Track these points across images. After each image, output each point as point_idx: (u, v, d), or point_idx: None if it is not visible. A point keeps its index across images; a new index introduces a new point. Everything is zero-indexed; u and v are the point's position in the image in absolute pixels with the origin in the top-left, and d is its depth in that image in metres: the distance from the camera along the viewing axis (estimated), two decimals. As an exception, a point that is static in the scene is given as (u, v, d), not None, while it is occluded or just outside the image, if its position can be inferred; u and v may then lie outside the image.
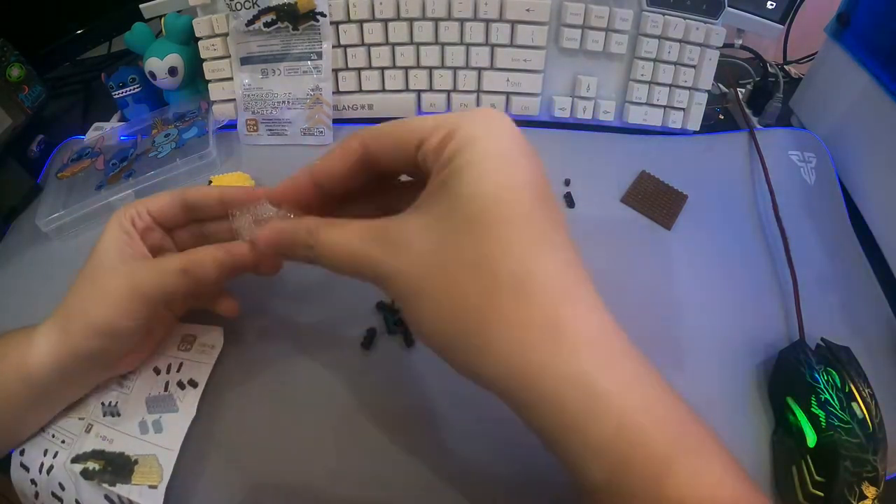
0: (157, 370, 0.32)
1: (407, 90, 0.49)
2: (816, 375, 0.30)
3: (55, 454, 0.29)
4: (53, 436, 0.30)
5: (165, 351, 0.33)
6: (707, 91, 0.48)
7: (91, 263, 0.28)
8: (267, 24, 0.45)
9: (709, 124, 0.51)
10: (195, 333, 0.33)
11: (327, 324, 0.35)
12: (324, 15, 0.45)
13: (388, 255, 0.21)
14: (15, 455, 0.30)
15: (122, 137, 0.48)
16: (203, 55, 0.47)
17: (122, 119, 0.52)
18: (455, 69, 0.47)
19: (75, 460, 0.29)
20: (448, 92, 0.48)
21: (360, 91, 0.49)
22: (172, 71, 0.48)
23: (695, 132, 0.49)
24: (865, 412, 0.28)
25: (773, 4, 0.47)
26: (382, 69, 0.48)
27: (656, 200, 0.43)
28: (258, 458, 0.30)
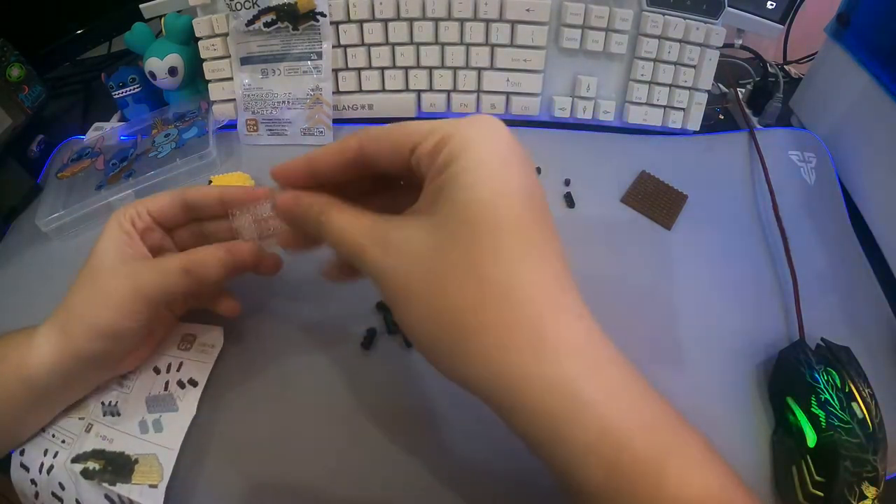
0: (157, 370, 0.32)
1: (407, 90, 0.49)
2: (816, 375, 0.30)
3: (55, 454, 0.29)
4: (53, 436, 0.30)
5: (165, 350, 0.33)
6: (707, 91, 0.48)
7: (91, 264, 0.28)
8: (267, 24, 0.45)
9: (709, 124, 0.51)
10: (195, 333, 0.33)
11: (327, 324, 0.35)
12: (324, 15, 0.45)
13: (385, 254, 0.22)
14: (15, 455, 0.30)
15: (122, 137, 0.48)
16: (203, 55, 0.47)
17: (122, 119, 0.52)
18: (455, 69, 0.47)
19: (75, 460, 0.29)
20: (448, 92, 0.48)
21: (360, 91, 0.49)
22: (172, 71, 0.48)
23: (695, 132, 0.49)
24: (865, 412, 0.28)
25: (773, 4, 0.47)
26: (382, 69, 0.48)
27: (656, 200, 0.43)
28: (258, 457, 0.30)
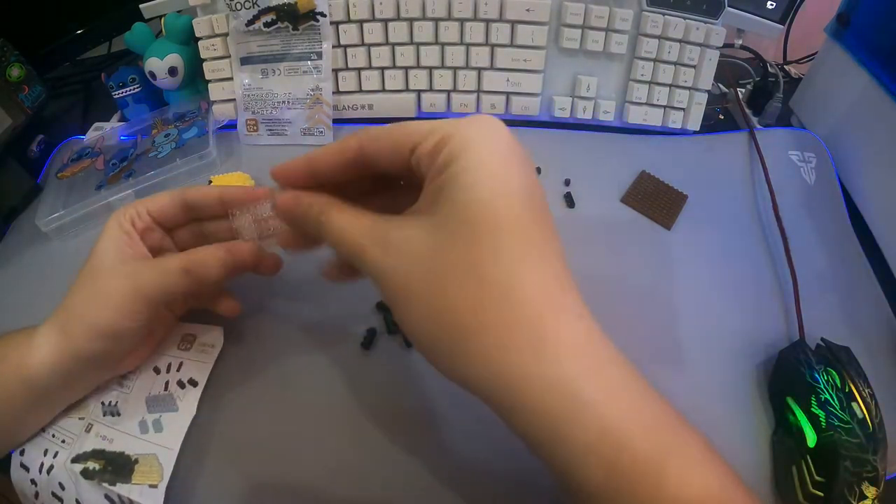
0: (157, 370, 0.32)
1: (407, 90, 0.49)
2: (816, 375, 0.30)
3: (55, 454, 0.29)
4: (53, 435, 0.30)
5: (165, 350, 0.33)
6: (707, 91, 0.48)
7: (91, 264, 0.28)
8: (267, 24, 0.45)
9: (709, 124, 0.51)
10: (195, 333, 0.33)
11: (327, 324, 0.35)
12: (324, 15, 0.45)
13: (385, 254, 0.22)
14: (15, 455, 0.30)
15: (122, 137, 0.48)
16: (203, 55, 0.47)
17: (122, 119, 0.52)
18: (455, 69, 0.47)
19: (75, 460, 0.29)
20: (448, 92, 0.48)
21: (360, 91, 0.49)
22: (172, 71, 0.48)
23: (695, 132, 0.49)
24: (865, 412, 0.28)
25: (773, 4, 0.47)
26: (382, 69, 0.48)
27: (656, 200, 0.43)
28: (258, 457, 0.30)
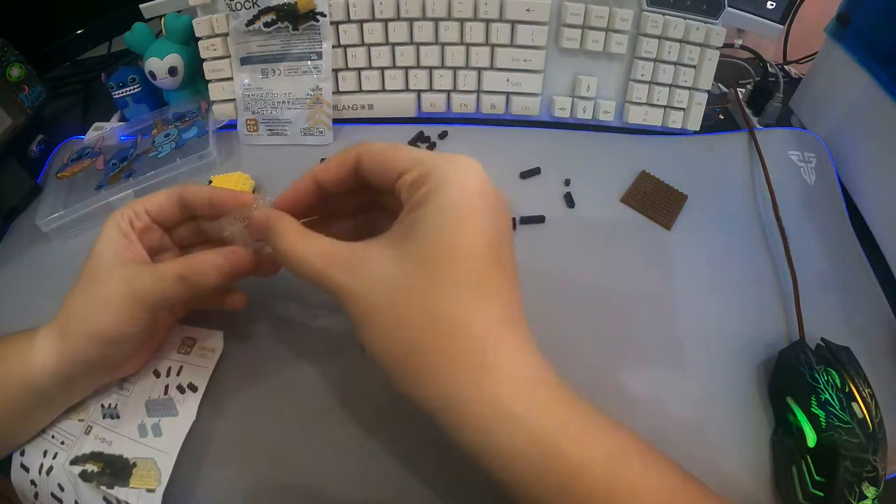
0: (156, 373, 0.32)
1: (407, 90, 0.49)
2: (816, 375, 0.30)
3: (55, 455, 0.29)
4: (53, 437, 0.30)
5: (165, 354, 0.32)
6: (707, 91, 0.48)
7: (89, 267, 0.28)
8: (267, 24, 0.45)
9: (709, 124, 0.51)
10: (195, 337, 0.33)
11: (327, 325, 0.35)
12: (324, 15, 0.45)
13: (350, 277, 0.23)
14: (15, 456, 0.30)
15: (122, 137, 0.48)
16: (203, 55, 0.47)
17: (122, 119, 0.52)
18: (455, 69, 0.47)
19: (74, 462, 0.29)
20: (448, 92, 0.48)
21: (360, 91, 0.49)
22: (172, 71, 0.48)
23: (695, 132, 0.49)
24: (865, 412, 0.28)
25: (773, 4, 0.47)
26: (382, 69, 0.48)
27: (656, 200, 0.43)
28: (258, 463, 0.30)
